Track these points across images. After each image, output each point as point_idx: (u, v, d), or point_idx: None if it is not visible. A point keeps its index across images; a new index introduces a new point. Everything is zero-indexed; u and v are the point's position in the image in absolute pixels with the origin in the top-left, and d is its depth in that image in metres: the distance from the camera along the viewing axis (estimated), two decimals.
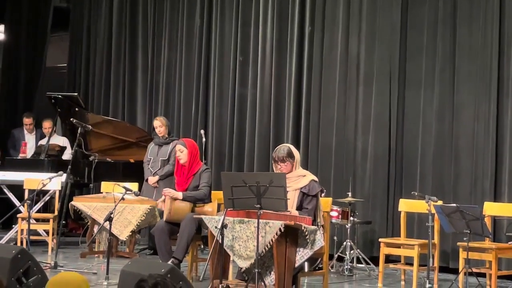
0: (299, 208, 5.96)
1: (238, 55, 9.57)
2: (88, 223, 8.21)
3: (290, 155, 6.04)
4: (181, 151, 7.04)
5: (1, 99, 11.78)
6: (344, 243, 7.71)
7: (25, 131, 10.43)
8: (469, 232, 6.27)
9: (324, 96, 8.81)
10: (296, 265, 5.76)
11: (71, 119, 8.30)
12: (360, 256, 7.79)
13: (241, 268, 5.81)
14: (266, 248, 5.59)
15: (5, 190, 9.11)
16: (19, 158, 9.72)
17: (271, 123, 9.17)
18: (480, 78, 7.76)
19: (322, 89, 8.83)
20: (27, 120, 10.39)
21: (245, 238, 5.70)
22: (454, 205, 6.49)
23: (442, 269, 7.34)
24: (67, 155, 9.50)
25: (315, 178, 6.10)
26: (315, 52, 8.87)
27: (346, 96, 8.64)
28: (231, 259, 5.97)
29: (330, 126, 8.72)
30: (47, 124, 9.89)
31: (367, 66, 8.52)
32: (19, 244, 7.96)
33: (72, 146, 8.86)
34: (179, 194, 6.88)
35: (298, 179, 6.03)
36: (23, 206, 8.22)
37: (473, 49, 7.84)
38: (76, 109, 9.36)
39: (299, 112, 8.98)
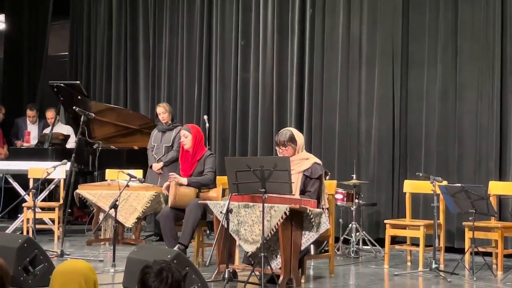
0: (302, 191, 5.96)
1: (239, 40, 9.55)
2: (94, 211, 8.23)
3: (291, 139, 6.03)
4: (186, 137, 7.02)
5: (4, 88, 11.78)
6: (350, 225, 7.72)
7: (28, 121, 10.44)
8: (474, 211, 6.27)
9: (326, 79, 8.79)
10: (302, 248, 5.77)
11: (74, 107, 8.29)
12: (366, 238, 7.79)
13: (247, 253, 5.82)
14: (272, 232, 5.60)
15: (10, 180, 9.13)
16: (23, 147, 9.74)
17: (274, 106, 9.16)
18: (483, 56, 7.73)
19: (324, 72, 8.80)
20: (31, 113, 10.41)
21: (251, 222, 5.71)
22: (459, 185, 6.49)
23: (448, 249, 7.35)
24: (71, 144, 9.51)
25: (318, 161, 6.09)
26: (316, 34, 8.84)
27: (348, 78, 8.62)
28: (237, 243, 5.99)
29: (333, 108, 8.70)
30: (50, 114, 9.92)
31: (369, 47, 8.48)
32: (25, 233, 7.98)
33: (76, 135, 8.86)
34: (184, 180, 6.88)
35: (301, 162, 6.03)
36: (28, 195, 8.23)
37: (476, 27, 7.80)
38: (79, 97, 9.35)
39: (302, 95, 8.96)
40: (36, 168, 8.34)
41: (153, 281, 2.66)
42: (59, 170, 7.87)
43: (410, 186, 7.29)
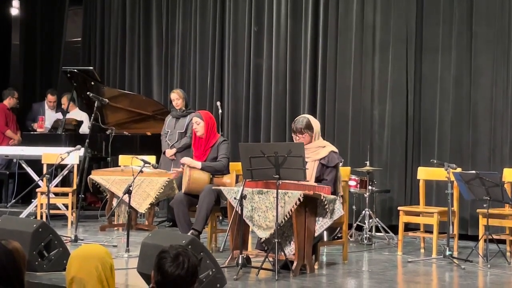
0: (318, 179, 5.95)
1: (252, 25, 9.52)
2: (107, 197, 8.26)
3: (308, 126, 6.02)
4: (198, 124, 7.01)
5: (19, 74, 11.79)
6: (363, 212, 7.70)
7: (46, 106, 10.46)
8: (488, 198, 6.24)
9: (340, 64, 8.75)
10: (316, 234, 5.77)
11: (88, 93, 8.31)
12: (379, 225, 7.78)
13: (261, 239, 5.83)
14: (286, 218, 5.60)
15: (24, 165, 9.17)
16: (36, 132, 9.77)
17: (287, 92, 9.13)
18: (498, 42, 7.68)
19: (338, 57, 8.77)
20: (52, 98, 10.43)
21: (264, 208, 5.71)
22: (474, 172, 6.46)
23: (461, 237, 7.32)
24: (83, 130, 9.53)
25: (335, 149, 6.08)
26: (330, 20, 8.79)
27: (362, 64, 8.58)
28: (250, 229, 5.99)
29: (346, 94, 8.67)
30: (64, 100, 9.96)
31: (383, 32, 8.44)
32: (38, 218, 8.01)
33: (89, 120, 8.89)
34: (198, 164, 6.88)
35: (318, 150, 6.02)
36: (42, 180, 8.26)
37: (490, 12, 7.74)
38: (92, 83, 9.36)
39: (315, 81, 8.93)
40: (49, 154, 8.37)
41: (170, 266, 2.67)
42: (72, 156, 7.89)
43: (424, 173, 7.26)
